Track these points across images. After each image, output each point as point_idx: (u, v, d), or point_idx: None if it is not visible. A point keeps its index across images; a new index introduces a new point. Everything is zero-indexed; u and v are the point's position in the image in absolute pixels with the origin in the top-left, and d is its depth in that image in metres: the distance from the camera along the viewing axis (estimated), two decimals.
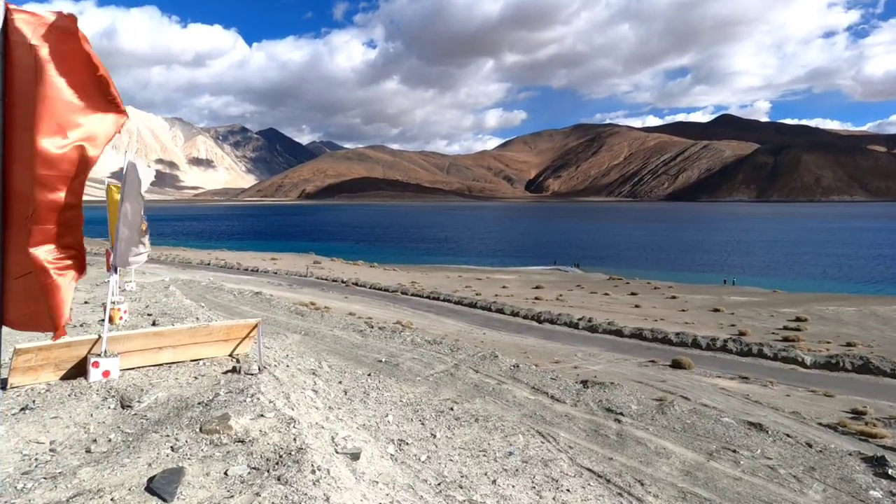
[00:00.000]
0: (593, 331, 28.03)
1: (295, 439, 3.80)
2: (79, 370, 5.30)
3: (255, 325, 6.08)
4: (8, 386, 4.99)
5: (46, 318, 2.36)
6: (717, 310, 35.57)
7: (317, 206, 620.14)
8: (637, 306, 37.16)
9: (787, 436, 8.68)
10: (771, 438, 8.45)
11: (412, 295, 39.16)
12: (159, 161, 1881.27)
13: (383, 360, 11.96)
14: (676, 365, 19.90)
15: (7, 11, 2.02)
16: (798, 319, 31.59)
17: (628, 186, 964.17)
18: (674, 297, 41.34)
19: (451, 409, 8.41)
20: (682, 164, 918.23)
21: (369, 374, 9.85)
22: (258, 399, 4.41)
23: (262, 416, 4.04)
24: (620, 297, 42.06)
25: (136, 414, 4.47)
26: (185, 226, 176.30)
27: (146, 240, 5.94)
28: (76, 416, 4.45)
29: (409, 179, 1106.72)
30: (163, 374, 5.55)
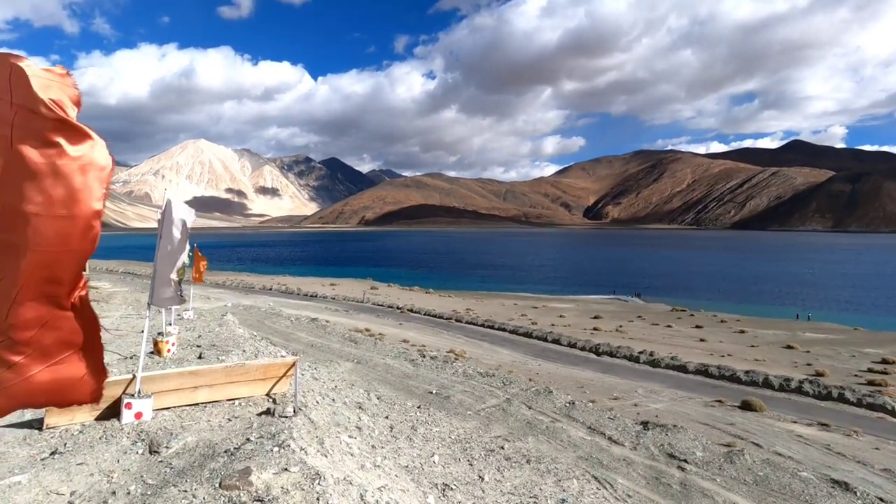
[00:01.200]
0: (655, 365, 26.75)
1: (318, 499, 3.64)
2: (113, 410, 5.29)
3: (293, 364, 5.99)
4: (44, 426, 5.01)
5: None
6: (790, 347, 33.26)
7: (376, 232, 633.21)
8: (702, 340, 35.31)
9: (881, 500, 7.78)
10: (860, 501, 7.60)
11: (466, 322, 38.86)
12: (228, 190, 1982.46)
13: (434, 391, 11.75)
14: (746, 406, 18.57)
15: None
16: (885, 361, 29.00)
17: (692, 214, 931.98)
18: (742, 332, 39.05)
19: (502, 447, 8.06)
20: (750, 191, 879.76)
21: (419, 407, 9.65)
22: (287, 447, 4.28)
23: (286, 469, 3.88)
24: (684, 329, 40.16)
25: (161, 461, 4.42)
26: (251, 252, 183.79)
27: (179, 282, 5.94)
28: (102, 462, 4.43)
29: (466, 206, 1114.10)
30: (196, 416, 5.51)
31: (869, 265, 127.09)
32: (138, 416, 5.20)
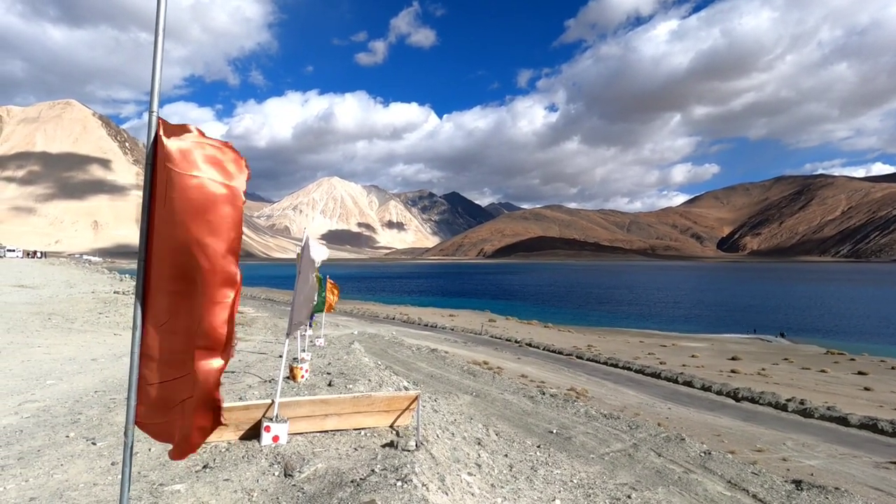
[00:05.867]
0: (807, 415, 23.69)
1: None
2: (254, 431, 5.74)
3: (416, 398, 6.18)
4: None
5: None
6: None
7: (496, 264, 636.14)
8: (867, 389, 30.72)
9: None
10: None
11: (588, 360, 37.36)
12: (358, 224, 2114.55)
13: (554, 431, 11.37)
14: None
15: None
16: None
17: (848, 245, 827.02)
18: None
19: (629, 496, 7.55)
20: None
21: (538, 446, 9.39)
22: (410, 482, 4.37)
23: None
24: (842, 375, 35.26)
25: (294, 485, 4.68)
26: (376, 282, 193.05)
27: (308, 315, 6.44)
28: (244, 480, 4.79)
29: (587, 238, 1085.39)
30: (326, 443, 5.80)
31: None
32: (275, 439, 5.60)
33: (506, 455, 7.91)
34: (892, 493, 12.74)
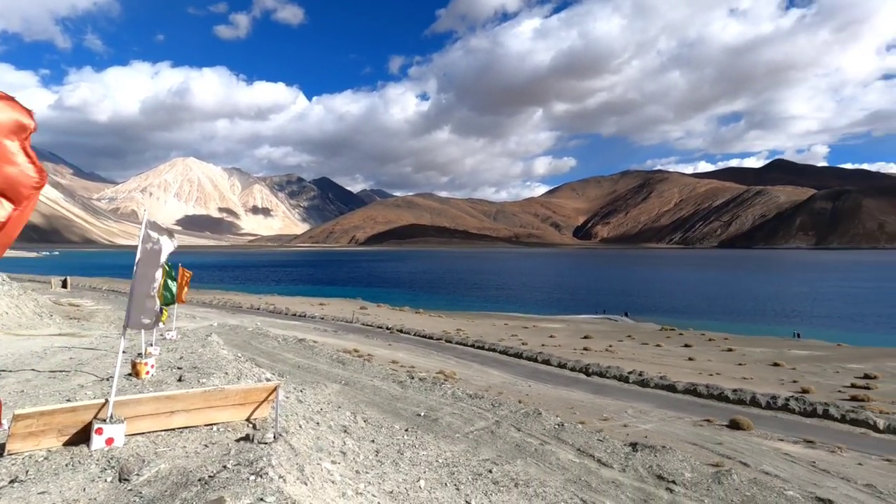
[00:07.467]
0: (644, 385, 26.74)
1: None
2: (83, 435, 5.02)
3: (274, 389, 5.89)
4: (6, 453, 4.69)
5: None
6: (776, 364, 33.43)
7: (369, 252, 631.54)
8: (691, 359, 35.40)
9: None
10: None
11: (457, 343, 38.70)
12: (220, 209, 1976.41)
13: (422, 414, 11.67)
14: (734, 425, 18.60)
15: None
16: (867, 377, 29.26)
17: (679, 233, 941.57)
18: (730, 350, 39.22)
19: (490, 471, 8.01)
20: (736, 210, 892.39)
21: (406, 430, 9.58)
22: (265, 475, 4.16)
23: (262, 499, 3.75)
24: (673, 348, 40.26)
25: (131, 490, 4.20)
26: (240, 271, 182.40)
27: (154, 308, 5.79)
28: (66, 491, 4.16)
29: (457, 226, 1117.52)
30: (172, 441, 5.32)
31: (851, 281, 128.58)
32: (109, 441, 4.99)
33: (373, 441, 7.97)
34: (703, 446, 14.86)
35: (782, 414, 21.61)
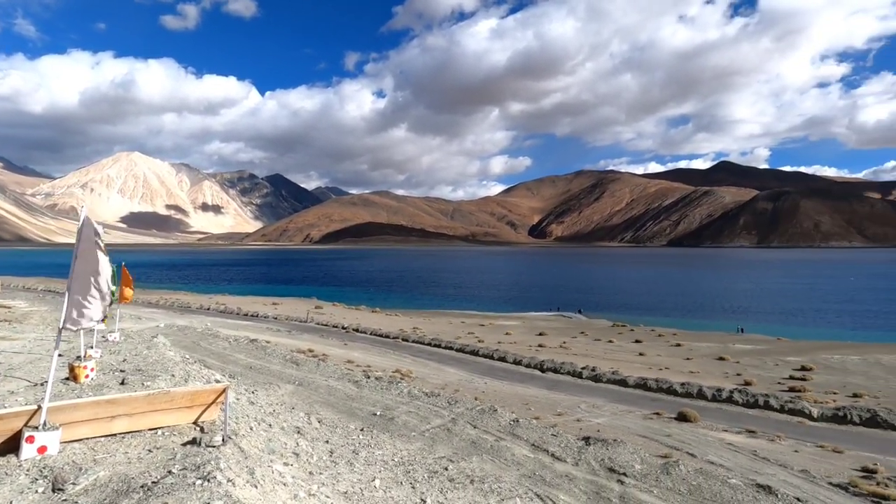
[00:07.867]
0: (597, 380, 27.40)
1: None
2: (12, 445, 4.65)
3: (223, 391, 5.66)
4: None
5: None
6: (722, 358, 34.90)
7: (324, 250, 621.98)
8: (641, 354, 36.51)
9: (798, 500, 8.22)
10: (781, 503, 8.01)
11: (413, 342, 38.64)
12: (167, 206, 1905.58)
13: (378, 413, 11.57)
14: (682, 418, 19.30)
15: None
16: (804, 368, 30.96)
17: (631, 232, 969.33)
18: (678, 345, 40.66)
19: (446, 468, 8.00)
20: (684, 209, 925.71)
21: (362, 430, 9.47)
22: (213, 479, 4.00)
23: None
24: (625, 344, 41.42)
25: (65, 500, 3.95)
26: (189, 271, 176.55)
27: (99, 303, 5.38)
28: None
29: (414, 224, 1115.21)
30: (113, 447, 5.02)
31: (790, 278, 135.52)
32: (42, 450, 4.64)
33: (327, 441, 7.83)
34: (653, 438, 15.34)
35: (727, 406, 22.56)
